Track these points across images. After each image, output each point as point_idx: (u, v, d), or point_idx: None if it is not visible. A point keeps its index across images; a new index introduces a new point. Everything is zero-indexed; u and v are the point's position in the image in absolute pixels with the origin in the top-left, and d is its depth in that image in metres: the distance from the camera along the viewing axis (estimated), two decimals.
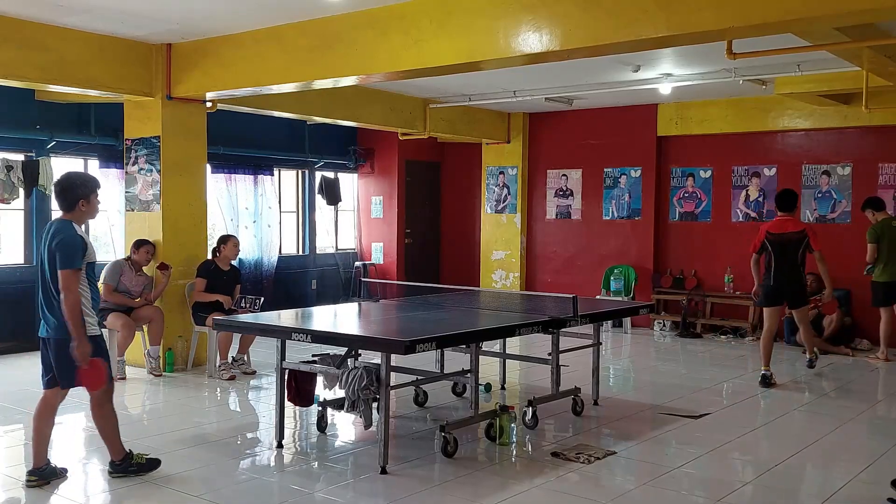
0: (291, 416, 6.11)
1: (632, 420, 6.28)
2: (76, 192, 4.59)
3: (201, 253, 8.16)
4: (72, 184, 4.64)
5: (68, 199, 4.60)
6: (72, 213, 4.62)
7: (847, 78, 8.12)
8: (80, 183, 4.65)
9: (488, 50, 5.80)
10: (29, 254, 8.89)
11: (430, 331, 5.23)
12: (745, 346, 9.72)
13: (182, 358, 7.96)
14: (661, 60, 8.06)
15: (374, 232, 12.62)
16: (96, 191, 4.69)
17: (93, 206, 4.68)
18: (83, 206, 4.62)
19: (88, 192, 4.63)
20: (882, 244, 8.56)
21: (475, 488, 4.63)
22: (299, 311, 6.63)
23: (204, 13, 6.66)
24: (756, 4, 4.73)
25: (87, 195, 4.62)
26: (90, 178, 4.77)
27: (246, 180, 10.74)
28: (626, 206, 11.26)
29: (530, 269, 12.18)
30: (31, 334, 8.75)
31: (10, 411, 6.31)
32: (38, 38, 6.81)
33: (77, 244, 4.48)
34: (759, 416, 6.30)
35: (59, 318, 4.50)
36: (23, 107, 8.55)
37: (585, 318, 6.08)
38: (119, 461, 4.74)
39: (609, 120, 11.33)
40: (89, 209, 4.67)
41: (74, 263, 4.44)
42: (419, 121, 10.75)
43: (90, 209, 4.67)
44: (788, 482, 4.95)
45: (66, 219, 4.61)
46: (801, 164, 10.18)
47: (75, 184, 4.64)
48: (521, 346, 8.92)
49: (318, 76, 6.85)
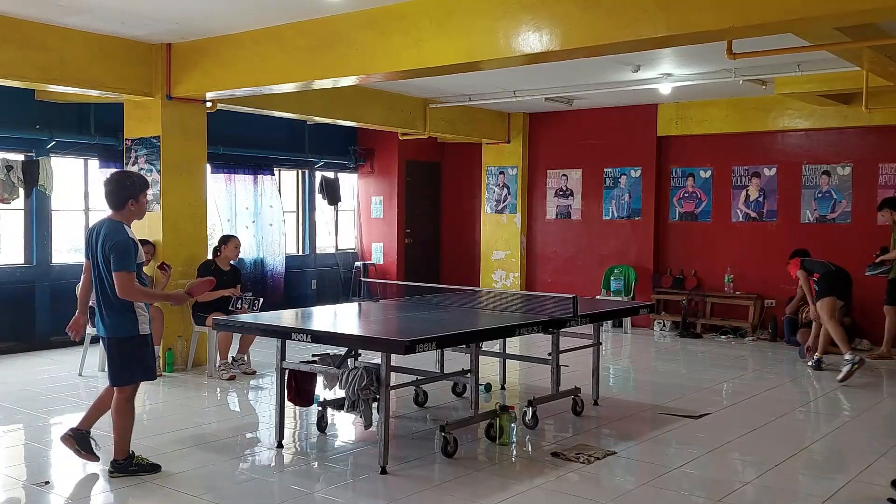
0: (291, 416, 6.11)
1: (632, 420, 6.28)
2: (126, 192, 4.66)
3: (201, 253, 8.16)
4: (122, 183, 4.70)
5: (118, 198, 4.65)
6: (121, 213, 4.68)
7: (847, 78, 8.12)
8: (129, 183, 4.72)
9: (488, 50, 5.80)
10: (29, 254, 8.89)
11: (430, 331, 5.23)
12: (745, 346, 9.72)
13: (182, 358, 7.96)
14: (661, 60, 8.06)
15: (374, 232, 12.62)
16: (145, 190, 4.76)
17: (141, 206, 4.74)
18: (132, 206, 4.68)
19: (138, 191, 4.69)
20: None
21: (475, 488, 4.63)
22: (299, 311, 6.63)
23: (204, 13, 6.66)
24: (756, 4, 4.73)
25: (136, 195, 4.68)
26: (139, 177, 4.82)
27: (246, 180, 10.74)
28: (626, 206, 11.26)
29: (530, 269, 12.18)
30: (31, 334, 8.79)
31: (10, 411, 6.31)
32: (38, 38, 6.81)
33: (130, 247, 4.57)
34: (759, 416, 6.29)
35: (114, 317, 4.62)
36: (23, 107, 8.55)
37: (585, 318, 6.08)
38: (122, 460, 4.75)
39: (609, 120, 11.33)
40: (138, 209, 4.73)
41: (130, 266, 4.53)
42: (419, 121, 10.75)
43: (139, 209, 4.73)
44: (788, 482, 4.95)
45: (115, 220, 4.67)
46: (801, 164, 10.18)
47: (125, 183, 4.70)
48: (521, 346, 8.92)
49: (318, 76, 6.85)
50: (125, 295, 4.53)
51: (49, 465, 5.14)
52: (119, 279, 4.51)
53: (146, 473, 4.76)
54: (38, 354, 8.57)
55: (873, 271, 8.70)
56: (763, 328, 10.27)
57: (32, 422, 6.03)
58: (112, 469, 4.75)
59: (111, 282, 4.57)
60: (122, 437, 4.74)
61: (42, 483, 4.65)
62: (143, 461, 4.81)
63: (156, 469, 4.82)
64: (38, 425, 5.97)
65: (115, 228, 4.62)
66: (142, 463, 4.79)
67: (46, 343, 8.89)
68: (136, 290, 4.57)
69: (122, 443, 4.75)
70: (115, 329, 4.64)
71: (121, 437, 4.74)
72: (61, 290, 8.72)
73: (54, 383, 7.26)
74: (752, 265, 10.48)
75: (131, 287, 4.53)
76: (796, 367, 8.51)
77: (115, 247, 4.52)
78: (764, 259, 10.38)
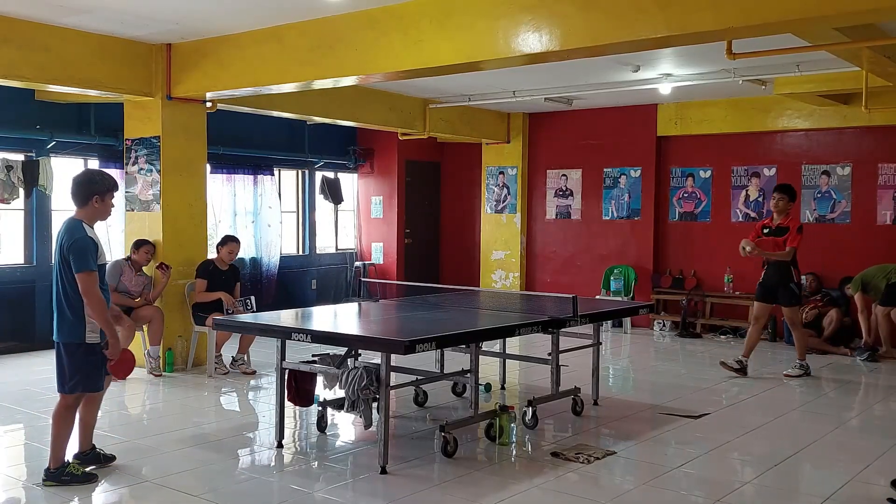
0: (291, 416, 6.12)
1: (631, 420, 6.28)
2: (92, 188, 4.59)
3: (201, 253, 8.16)
4: (89, 179, 4.65)
5: (83, 193, 4.59)
6: (84, 210, 4.61)
7: (847, 78, 8.13)
8: (97, 179, 4.65)
9: (488, 50, 5.80)
10: (29, 254, 8.89)
11: (429, 331, 5.23)
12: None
13: (182, 358, 7.97)
14: (660, 60, 8.07)
15: (374, 232, 12.62)
16: (112, 191, 4.67)
17: (107, 206, 4.66)
18: (97, 203, 4.60)
19: (104, 189, 4.62)
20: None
21: (475, 488, 4.64)
22: (299, 311, 6.64)
23: (204, 13, 6.66)
24: (756, 4, 4.73)
25: (102, 192, 4.60)
26: (108, 176, 4.73)
27: (246, 180, 10.75)
28: (626, 206, 11.26)
29: (530, 269, 12.19)
30: (31, 334, 8.79)
31: (10, 411, 6.31)
32: (38, 38, 6.81)
33: (88, 245, 4.47)
34: (759, 416, 6.30)
35: (69, 320, 4.50)
36: (23, 107, 8.55)
37: (585, 318, 6.08)
38: (55, 469, 4.59)
39: (609, 120, 11.33)
40: (103, 208, 4.64)
41: (89, 265, 4.43)
42: (419, 121, 10.75)
43: (103, 208, 4.65)
44: (788, 482, 4.95)
45: (76, 218, 4.59)
46: (801, 164, 10.19)
47: (93, 180, 4.65)
48: (521, 346, 8.92)
49: (318, 76, 6.85)
50: (87, 295, 4.39)
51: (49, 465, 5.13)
52: (81, 280, 4.39)
53: (79, 483, 4.57)
54: (38, 354, 8.57)
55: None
56: (763, 328, 10.25)
57: (32, 422, 6.03)
58: (44, 478, 4.57)
59: (71, 283, 4.45)
60: (58, 445, 4.58)
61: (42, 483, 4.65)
62: (76, 470, 4.63)
63: (91, 479, 4.64)
64: (38, 425, 5.96)
65: (73, 227, 4.52)
66: (75, 472, 4.62)
67: (46, 343, 8.84)
68: (98, 297, 4.42)
69: (57, 451, 4.58)
70: (66, 334, 4.52)
71: (56, 445, 4.58)
72: None
73: (54, 383, 7.23)
74: (751, 265, 10.41)
75: (94, 289, 4.40)
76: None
77: (72, 246, 4.42)
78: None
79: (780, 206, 7.76)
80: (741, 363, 7.84)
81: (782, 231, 7.70)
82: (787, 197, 7.76)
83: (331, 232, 12.58)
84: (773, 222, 7.84)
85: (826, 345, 9.12)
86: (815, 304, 9.45)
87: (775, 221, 7.80)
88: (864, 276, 8.88)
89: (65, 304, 4.50)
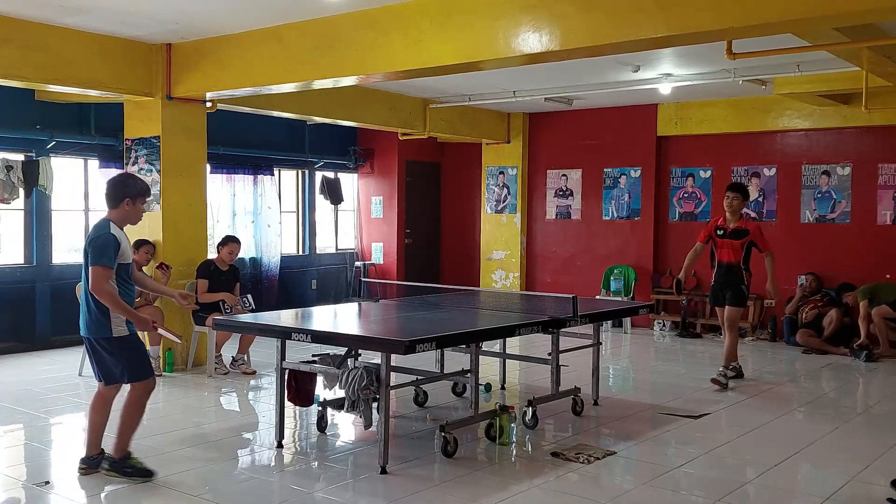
0: (291, 416, 6.11)
1: (632, 420, 6.28)
2: (125, 191, 4.67)
3: (201, 253, 8.16)
4: (122, 182, 4.74)
5: (116, 195, 4.66)
6: (115, 211, 4.68)
7: (847, 78, 8.13)
8: (130, 182, 4.75)
9: (488, 50, 5.80)
10: (29, 254, 8.89)
11: (430, 331, 5.23)
12: (745, 346, 9.71)
13: (182, 358, 7.96)
14: (660, 60, 8.07)
15: (374, 232, 12.62)
16: (144, 196, 4.75)
17: (137, 209, 4.73)
18: (128, 206, 4.66)
19: (136, 193, 4.70)
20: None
21: (475, 488, 4.63)
22: (299, 311, 6.64)
23: (204, 13, 6.66)
24: (756, 4, 4.73)
25: (133, 195, 4.68)
26: (141, 181, 4.84)
27: (246, 180, 10.75)
28: (626, 207, 11.26)
29: (530, 269, 12.19)
30: (31, 334, 8.80)
31: (10, 411, 6.31)
32: (38, 38, 6.81)
33: (111, 242, 4.52)
34: (759, 416, 6.30)
35: (91, 316, 4.58)
36: (23, 107, 8.55)
37: (585, 318, 6.08)
38: (118, 459, 4.70)
39: (609, 120, 11.33)
40: (133, 211, 4.71)
41: (106, 262, 4.48)
42: (419, 121, 10.76)
43: (134, 211, 4.71)
44: (788, 482, 4.95)
45: (106, 218, 4.67)
46: (801, 164, 10.19)
47: (126, 182, 4.74)
48: (521, 346, 8.92)
49: (318, 76, 6.85)
50: (95, 290, 4.44)
51: (49, 465, 5.14)
52: (93, 273, 4.45)
53: (139, 478, 4.66)
54: (38, 354, 8.58)
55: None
56: (763, 328, 10.28)
57: (32, 422, 6.03)
58: (106, 466, 4.69)
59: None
60: (124, 435, 4.70)
61: (42, 483, 4.65)
62: (138, 464, 4.73)
63: (150, 474, 4.71)
64: (38, 425, 5.97)
65: (100, 225, 4.62)
66: (137, 466, 4.71)
67: (46, 343, 8.89)
68: (107, 291, 4.45)
69: (123, 441, 4.70)
70: (93, 330, 4.59)
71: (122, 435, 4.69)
72: (61, 290, 8.72)
73: (54, 383, 7.26)
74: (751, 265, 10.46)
75: (103, 284, 4.45)
76: (796, 367, 8.51)
77: (94, 241, 4.51)
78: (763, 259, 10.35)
79: (734, 206, 7.41)
80: (735, 369, 7.59)
81: (740, 234, 7.39)
82: (741, 196, 7.46)
83: (331, 232, 12.58)
84: (727, 223, 7.48)
85: (826, 345, 9.12)
86: (815, 304, 9.46)
87: (730, 223, 7.45)
88: (874, 289, 8.95)
89: (91, 300, 4.56)
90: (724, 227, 7.50)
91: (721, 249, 7.54)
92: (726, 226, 7.48)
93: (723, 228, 7.50)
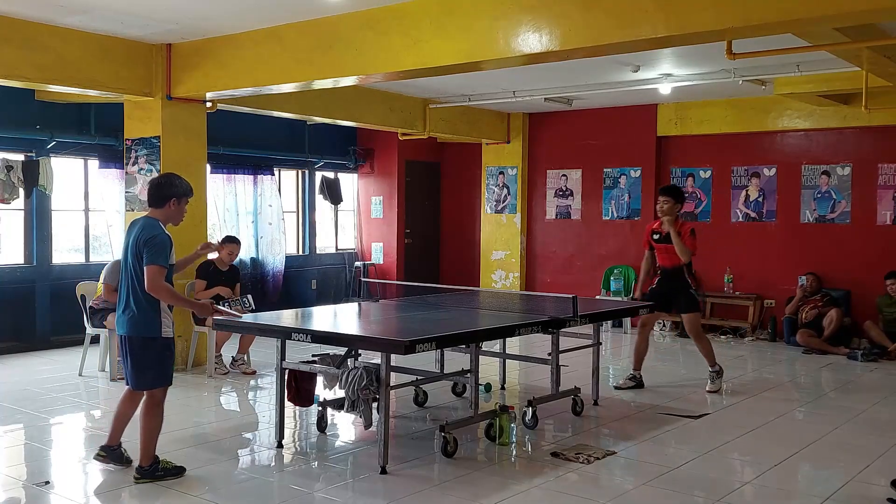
0: (291, 416, 6.12)
1: (632, 420, 6.28)
2: (172, 190, 4.67)
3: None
4: (168, 182, 4.73)
5: (162, 194, 4.66)
6: (160, 211, 4.68)
7: (847, 78, 8.13)
8: (176, 182, 4.73)
9: (488, 50, 5.80)
10: (29, 254, 8.89)
11: (429, 331, 5.23)
12: (744, 346, 9.72)
13: (182, 358, 7.95)
14: (660, 60, 8.07)
15: (374, 232, 12.62)
16: (188, 196, 4.76)
17: (181, 210, 4.74)
18: (172, 206, 4.68)
19: (181, 193, 4.70)
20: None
21: (475, 488, 4.63)
22: (299, 311, 6.63)
23: (204, 13, 6.66)
24: (756, 4, 4.73)
25: (179, 195, 4.69)
26: (187, 183, 4.82)
27: (246, 180, 10.75)
28: (626, 207, 11.26)
29: (530, 269, 12.19)
30: (31, 334, 8.80)
31: (10, 411, 6.31)
32: (38, 38, 6.81)
33: (166, 242, 4.54)
34: (759, 416, 6.30)
35: (139, 316, 4.56)
36: (23, 107, 8.55)
37: (585, 318, 6.08)
38: (147, 466, 4.66)
39: (609, 120, 11.33)
40: (177, 211, 4.72)
41: (162, 261, 4.49)
42: (419, 121, 10.76)
43: (178, 212, 4.72)
44: (788, 482, 4.95)
45: (152, 217, 4.66)
46: (801, 165, 10.19)
47: (172, 182, 4.72)
48: (521, 346, 8.92)
49: (318, 76, 6.85)
50: (152, 289, 4.45)
51: (49, 465, 5.14)
52: (149, 272, 4.44)
53: (172, 477, 4.67)
54: (38, 354, 8.58)
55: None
56: (763, 328, 10.28)
57: (32, 422, 6.03)
58: (137, 476, 4.63)
59: (141, 277, 4.50)
60: (149, 442, 4.64)
61: (42, 483, 4.65)
62: (168, 465, 4.73)
63: (181, 472, 4.74)
64: (38, 425, 5.97)
65: (151, 224, 4.60)
66: (167, 467, 4.71)
67: (46, 343, 8.89)
68: (164, 288, 4.49)
69: (149, 448, 4.64)
70: (141, 328, 4.56)
71: (147, 442, 4.63)
72: (61, 290, 8.72)
73: (54, 383, 7.26)
74: (751, 265, 10.49)
75: (160, 282, 4.46)
76: (796, 367, 8.51)
77: (150, 240, 4.49)
78: (763, 259, 10.40)
79: (664, 209, 7.06)
80: (635, 378, 7.30)
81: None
82: (672, 199, 7.05)
83: (331, 232, 12.58)
84: (662, 228, 7.12)
85: (826, 345, 9.12)
86: (815, 304, 9.46)
87: (665, 227, 7.07)
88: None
89: (141, 298, 4.54)
90: (659, 232, 7.18)
91: (659, 254, 7.23)
92: (661, 230, 7.14)
93: (658, 233, 7.19)
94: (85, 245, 9.44)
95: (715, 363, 7.28)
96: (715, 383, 7.18)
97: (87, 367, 7.61)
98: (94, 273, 8.13)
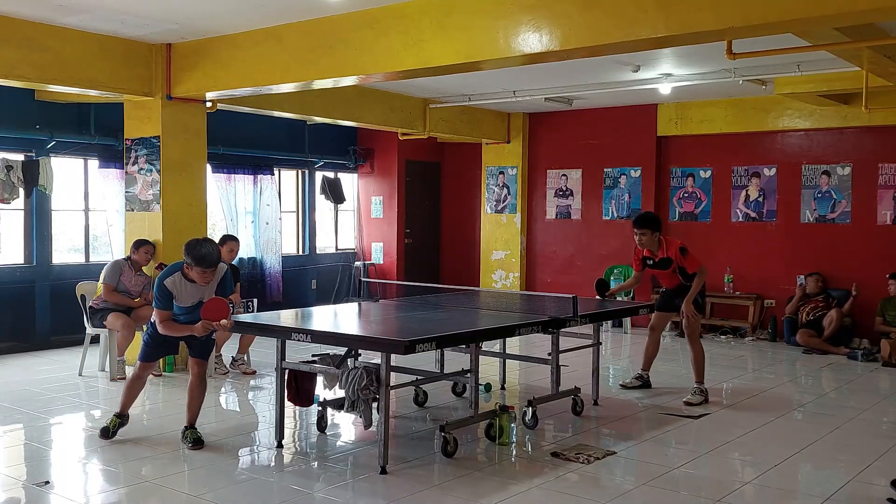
0: (291, 416, 6.11)
1: (632, 420, 6.28)
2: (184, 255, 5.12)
3: None
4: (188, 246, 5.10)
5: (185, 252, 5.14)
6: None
7: (847, 78, 8.12)
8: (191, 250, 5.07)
9: (488, 50, 5.80)
10: (29, 254, 8.89)
11: (429, 331, 5.23)
12: (744, 346, 9.72)
13: (182, 358, 7.93)
14: (660, 60, 8.07)
15: (374, 232, 12.62)
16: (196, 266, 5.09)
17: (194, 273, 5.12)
18: (186, 267, 5.14)
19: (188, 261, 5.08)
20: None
21: (475, 488, 4.63)
22: (299, 311, 6.63)
23: (204, 13, 6.66)
24: (756, 4, 4.73)
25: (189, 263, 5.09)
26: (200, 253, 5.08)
27: (246, 180, 10.75)
28: (626, 206, 11.26)
29: (530, 269, 12.18)
30: (31, 334, 8.79)
31: (9, 411, 6.30)
32: (38, 38, 6.81)
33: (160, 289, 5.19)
34: (759, 417, 6.30)
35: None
36: (23, 107, 8.55)
37: (585, 318, 6.08)
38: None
39: (609, 120, 11.33)
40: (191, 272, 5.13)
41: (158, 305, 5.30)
42: (419, 121, 10.75)
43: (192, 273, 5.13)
44: (788, 482, 4.95)
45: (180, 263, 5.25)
46: (801, 164, 10.19)
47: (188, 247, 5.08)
48: (521, 346, 8.92)
49: (318, 76, 6.85)
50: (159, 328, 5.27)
51: (49, 465, 5.14)
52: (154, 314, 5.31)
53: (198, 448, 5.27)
54: (38, 354, 8.57)
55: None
56: (763, 328, 10.28)
57: (32, 422, 6.03)
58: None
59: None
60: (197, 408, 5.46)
61: (42, 483, 4.65)
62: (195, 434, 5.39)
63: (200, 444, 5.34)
64: (38, 425, 5.97)
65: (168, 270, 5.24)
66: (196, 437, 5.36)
67: (46, 343, 8.89)
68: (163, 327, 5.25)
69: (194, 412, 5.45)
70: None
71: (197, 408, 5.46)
72: (61, 290, 8.72)
73: (54, 383, 7.26)
74: (751, 265, 10.49)
75: (159, 323, 5.27)
76: (796, 367, 8.51)
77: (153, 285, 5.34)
78: (764, 259, 10.39)
79: (643, 241, 6.84)
80: (642, 377, 7.30)
81: (667, 263, 6.84)
82: (648, 231, 6.79)
83: (331, 232, 12.58)
84: (651, 254, 6.92)
85: (826, 345, 9.12)
86: (816, 304, 9.46)
87: (654, 254, 6.89)
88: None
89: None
90: (651, 258, 6.96)
91: (659, 278, 7.18)
92: (652, 256, 6.93)
93: (650, 258, 6.96)
94: (85, 245, 9.44)
95: (702, 381, 6.84)
96: (695, 397, 6.72)
97: (86, 368, 7.61)
98: (94, 273, 8.13)
